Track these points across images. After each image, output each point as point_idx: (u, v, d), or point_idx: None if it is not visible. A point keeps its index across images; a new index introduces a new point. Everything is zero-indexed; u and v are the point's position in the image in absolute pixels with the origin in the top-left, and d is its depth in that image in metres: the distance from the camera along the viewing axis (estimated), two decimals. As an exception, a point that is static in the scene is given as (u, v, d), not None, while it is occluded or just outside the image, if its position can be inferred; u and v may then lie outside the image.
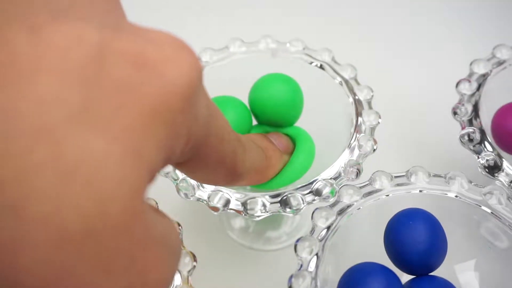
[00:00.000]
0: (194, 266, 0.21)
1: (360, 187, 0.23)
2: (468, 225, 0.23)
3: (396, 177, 0.24)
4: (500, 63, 0.29)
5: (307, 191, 0.24)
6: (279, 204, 0.23)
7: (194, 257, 0.22)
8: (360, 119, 0.26)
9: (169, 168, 0.25)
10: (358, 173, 0.24)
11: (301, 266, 0.21)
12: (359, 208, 0.23)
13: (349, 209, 0.23)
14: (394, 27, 0.44)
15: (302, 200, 0.23)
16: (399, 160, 0.34)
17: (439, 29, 0.44)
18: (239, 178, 0.20)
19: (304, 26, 0.44)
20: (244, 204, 0.23)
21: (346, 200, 0.23)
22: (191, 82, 0.13)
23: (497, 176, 0.24)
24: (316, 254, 0.21)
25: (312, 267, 0.21)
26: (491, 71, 0.28)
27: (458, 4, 0.45)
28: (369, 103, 0.27)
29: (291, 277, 0.20)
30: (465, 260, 0.24)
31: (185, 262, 0.21)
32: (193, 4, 0.46)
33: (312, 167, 0.26)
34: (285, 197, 0.23)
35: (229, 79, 0.30)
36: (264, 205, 0.23)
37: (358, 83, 0.28)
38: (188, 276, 0.21)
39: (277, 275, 0.30)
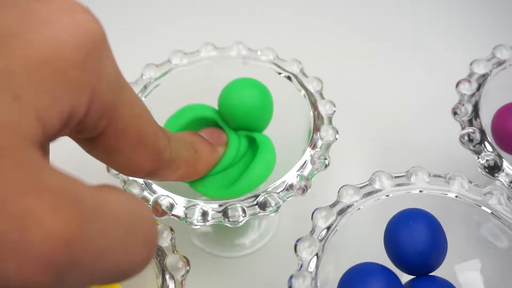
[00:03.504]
0: (188, 271, 0.21)
1: (360, 187, 0.23)
2: (468, 225, 0.23)
3: (396, 177, 0.24)
4: (500, 63, 0.29)
5: (252, 203, 0.23)
6: (221, 214, 0.23)
7: (187, 262, 0.22)
8: (317, 134, 0.26)
9: None
10: (305, 189, 0.24)
11: (301, 266, 0.21)
12: (359, 208, 0.23)
13: (349, 209, 0.23)
14: (394, 27, 0.44)
15: (244, 212, 0.23)
16: (399, 160, 0.35)
17: (439, 29, 0.44)
18: (166, 166, 0.20)
19: (304, 26, 0.44)
20: (185, 210, 0.23)
21: (346, 200, 0.23)
22: (86, 38, 0.13)
23: (497, 176, 0.24)
24: (316, 254, 0.21)
25: (312, 267, 0.21)
26: (491, 71, 0.28)
27: (458, 4, 0.45)
28: (329, 118, 0.27)
29: (291, 277, 0.20)
30: (465, 260, 0.24)
31: (178, 267, 0.21)
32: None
33: (270, 177, 0.26)
34: (225, 208, 0.23)
35: (196, 84, 0.30)
36: (204, 214, 0.23)
37: (322, 97, 0.28)
38: (182, 281, 0.21)
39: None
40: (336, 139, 0.26)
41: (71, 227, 0.11)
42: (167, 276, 0.21)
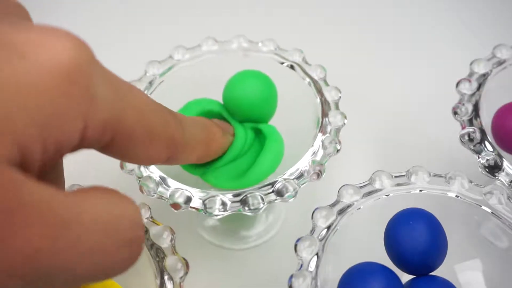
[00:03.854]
0: (186, 273, 0.21)
1: (360, 187, 0.23)
2: (468, 225, 0.23)
3: (396, 177, 0.24)
4: (500, 63, 0.29)
5: (268, 191, 0.24)
6: (239, 203, 0.23)
7: (186, 264, 0.22)
8: (325, 119, 0.26)
9: (133, 166, 0.25)
10: (320, 174, 0.24)
11: (301, 266, 0.21)
12: (359, 208, 0.23)
13: (349, 209, 0.23)
14: (394, 27, 0.44)
15: (262, 199, 0.23)
16: (399, 160, 0.34)
17: (439, 29, 0.44)
18: (182, 150, 0.20)
19: (303, 26, 0.44)
20: (203, 202, 0.23)
21: (346, 200, 0.23)
22: (70, 65, 0.13)
23: (497, 176, 0.24)
24: (316, 254, 0.21)
25: (312, 267, 0.21)
26: (491, 71, 0.28)
27: (458, 4, 0.45)
28: (336, 104, 0.27)
29: (291, 276, 0.20)
30: (465, 260, 0.24)
31: (177, 268, 0.21)
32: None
33: (281, 166, 0.26)
34: (245, 197, 0.23)
35: (200, 78, 0.30)
36: (223, 204, 0.23)
37: (327, 84, 0.28)
38: (180, 283, 0.21)
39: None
40: (345, 124, 0.26)
41: (39, 242, 0.12)
42: (166, 277, 0.21)
